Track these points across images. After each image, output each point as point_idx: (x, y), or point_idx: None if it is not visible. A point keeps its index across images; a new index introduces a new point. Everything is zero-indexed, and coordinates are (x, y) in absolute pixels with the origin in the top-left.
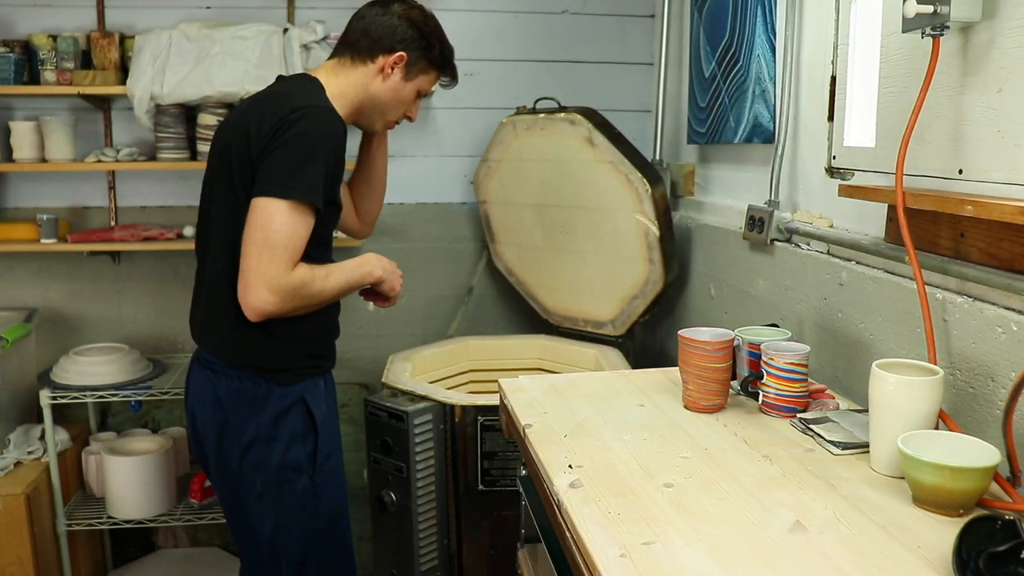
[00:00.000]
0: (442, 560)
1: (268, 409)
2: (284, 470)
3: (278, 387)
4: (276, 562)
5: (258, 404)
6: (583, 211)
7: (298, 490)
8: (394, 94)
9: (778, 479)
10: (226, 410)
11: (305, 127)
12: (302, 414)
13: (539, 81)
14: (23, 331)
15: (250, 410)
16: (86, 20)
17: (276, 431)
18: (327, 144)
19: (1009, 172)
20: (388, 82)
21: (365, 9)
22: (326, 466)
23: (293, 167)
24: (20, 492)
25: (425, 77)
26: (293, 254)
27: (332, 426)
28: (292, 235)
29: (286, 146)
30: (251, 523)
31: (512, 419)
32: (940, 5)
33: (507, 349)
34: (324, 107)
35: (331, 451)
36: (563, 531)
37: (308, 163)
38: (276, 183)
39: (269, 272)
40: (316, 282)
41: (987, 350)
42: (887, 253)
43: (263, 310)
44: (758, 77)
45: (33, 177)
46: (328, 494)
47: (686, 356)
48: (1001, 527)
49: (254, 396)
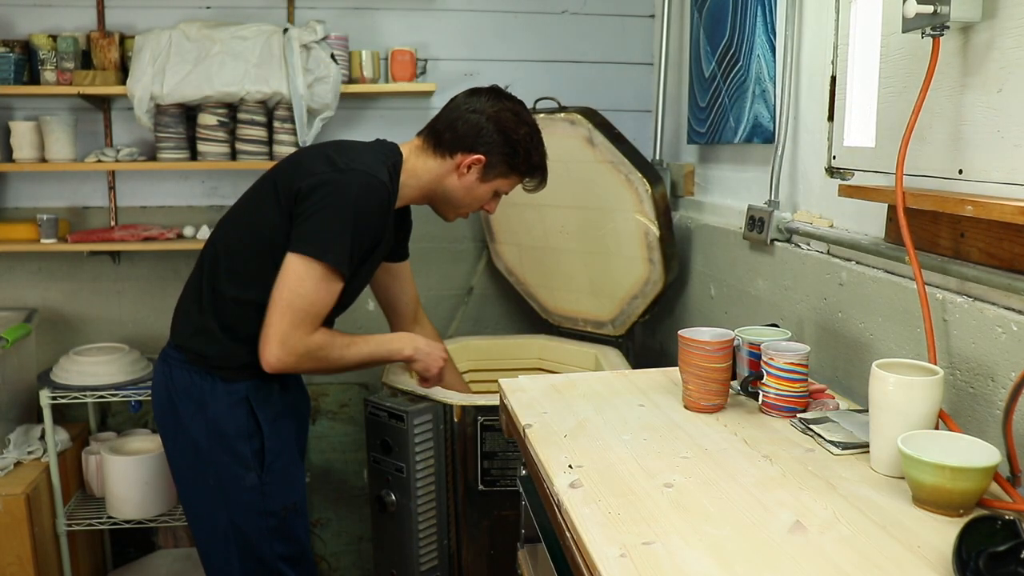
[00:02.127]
0: (442, 560)
1: (215, 405)
2: (233, 466)
3: (223, 383)
4: (229, 557)
5: (206, 399)
6: (583, 211)
7: (247, 487)
8: (467, 192)
9: (778, 479)
10: (177, 405)
11: (348, 191)
12: (246, 413)
13: (539, 81)
14: (23, 331)
15: (198, 406)
16: (86, 20)
17: (223, 427)
18: (367, 212)
19: (1009, 172)
20: (463, 180)
21: (462, 98)
22: (275, 465)
23: (330, 228)
24: (20, 492)
25: (505, 180)
26: (315, 319)
27: (284, 426)
28: (317, 300)
29: (330, 206)
30: (206, 517)
31: (512, 419)
32: (940, 5)
33: (507, 349)
34: (372, 173)
35: (281, 450)
36: (563, 531)
37: (347, 229)
38: (315, 243)
39: (289, 334)
40: (335, 349)
41: (987, 350)
42: (887, 253)
43: (276, 367)
44: (758, 77)
45: (33, 177)
46: (277, 492)
47: (686, 356)
48: (1001, 527)
49: (202, 390)
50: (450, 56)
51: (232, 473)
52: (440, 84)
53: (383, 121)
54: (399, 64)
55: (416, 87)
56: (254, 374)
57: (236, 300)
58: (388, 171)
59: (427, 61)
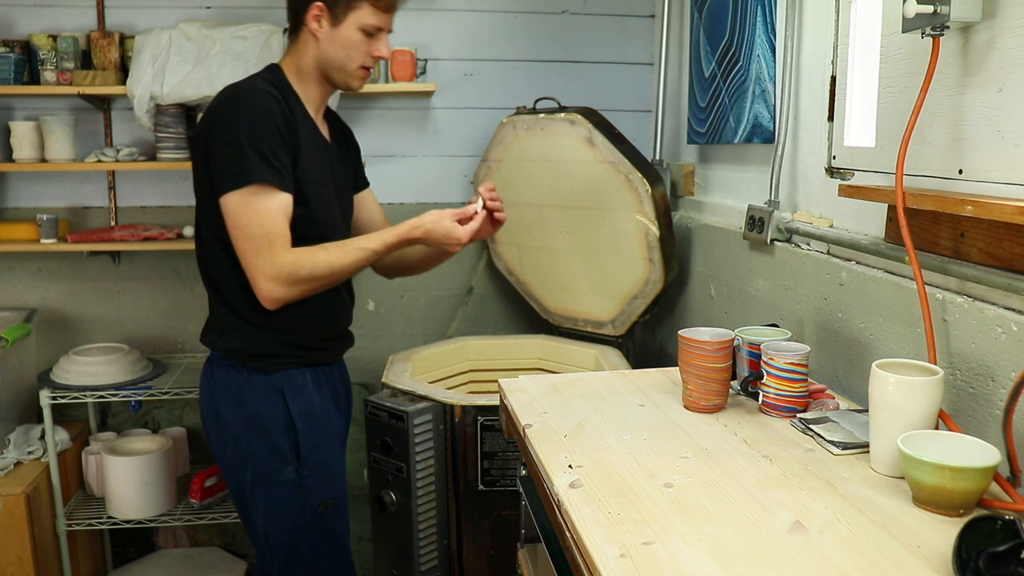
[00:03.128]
0: (442, 560)
1: (251, 398)
2: (269, 460)
3: (258, 375)
4: (270, 552)
5: (243, 393)
6: (583, 211)
7: (284, 481)
8: (335, 45)
9: (778, 479)
10: (217, 402)
11: (226, 111)
12: (282, 405)
13: (539, 81)
14: (23, 331)
15: (236, 400)
16: (86, 20)
17: (260, 420)
18: (251, 117)
19: (1009, 172)
20: (322, 37)
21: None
22: (313, 459)
23: (230, 155)
24: (20, 492)
25: (357, 12)
26: (277, 238)
27: (324, 420)
28: (266, 220)
29: (217, 137)
30: (248, 513)
31: (512, 419)
32: (940, 5)
33: (507, 349)
34: (240, 87)
35: (318, 445)
36: (563, 531)
37: (244, 142)
38: (224, 178)
39: (259, 265)
40: (323, 257)
41: (987, 350)
42: (887, 253)
43: (272, 299)
44: (758, 77)
45: (33, 177)
46: (315, 487)
47: (686, 356)
48: (1001, 527)
49: (238, 385)
50: (450, 56)
51: (270, 466)
52: (440, 84)
53: (383, 121)
54: (399, 64)
55: (416, 87)
56: (288, 364)
57: (228, 283)
58: (264, 80)
59: (427, 61)
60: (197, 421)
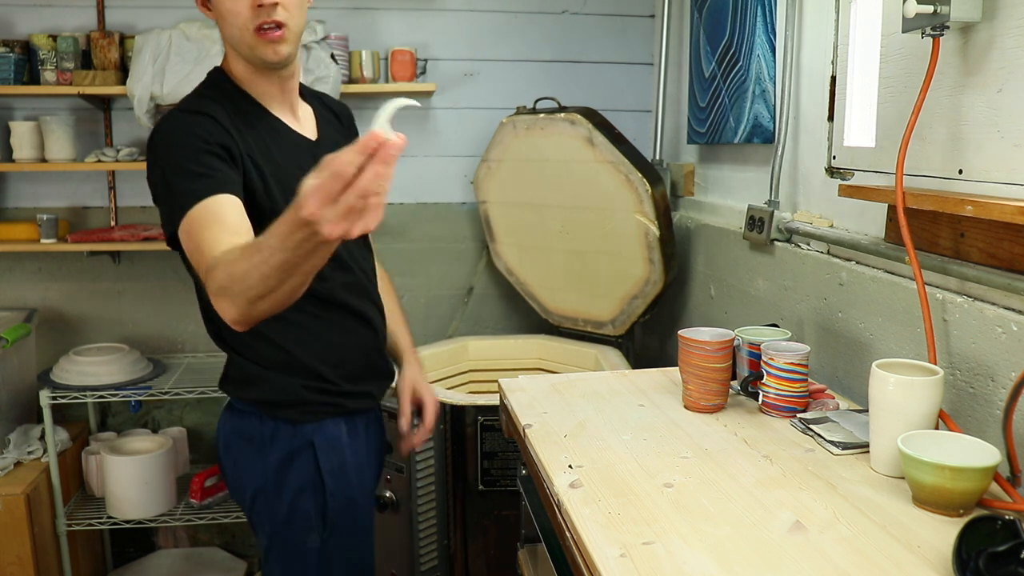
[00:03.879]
0: (442, 560)
1: (275, 452)
2: (292, 526)
3: (286, 425)
4: None
5: (266, 446)
6: (583, 211)
7: (307, 550)
8: (223, 21)
9: (778, 479)
10: (235, 452)
11: (149, 158)
12: (311, 462)
13: (539, 81)
14: (23, 331)
15: (258, 452)
16: (86, 20)
17: (283, 478)
18: (169, 152)
19: (1009, 172)
20: (217, 19)
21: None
22: (341, 524)
23: (160, 196)
24: (20, 492)
25: None
26: (210, 258)
27: (356, 478)
28: (200, 244)
29: (151, 186)
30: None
31: (512, 419)
32: (940, 5)
33: (507, 349)
34: (161, 120)
35: (349, 508)
36: (563, 531)
37: (167, 181)
38: (165, 224)
39: (208, 288)
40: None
41: (987, 350)
42: (887, 253)
43: (230, 318)
44: (758, 77)
45: (33, 177)
46: (342, 558)
47: (686, 356)
48: (1001, 527)
49: (262, 436)
50: (450, 56)
51: (291, 531)
52: (440, 84)
53: None
54: (399, 64)
55: (416, 87)
56: (321, 413)
57: (234, 331)
58: (196, 96)
59: (427, 61)
60: (197, 421)
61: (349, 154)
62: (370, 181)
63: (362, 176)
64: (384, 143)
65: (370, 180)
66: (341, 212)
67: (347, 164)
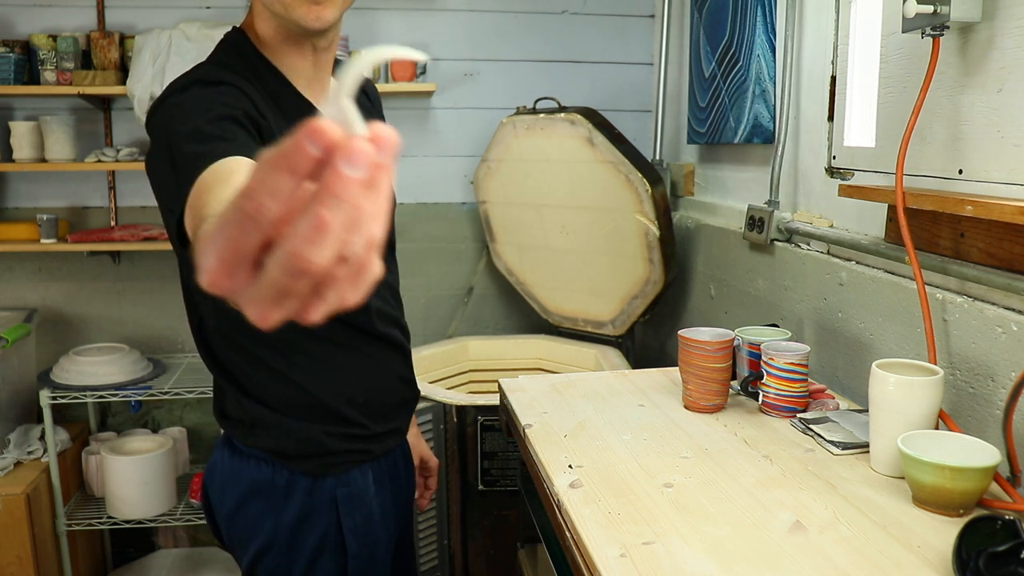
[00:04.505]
0: (442, 560)
1: (290, 508)
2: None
3: (303, 477)
4: None
5: (279, 501)
6: (583, 211)
7: None
8: None
9: (778, 479)
10: (235, 498)
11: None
12: (332, 520)
13: (539, 81)
14: (23, 331)
15: (268, 506)
16: (86, 20)
17: (298, 539)
18: (184, 117)
19: (1009, 172)
20: None
21: None
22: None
23: (164, 175)
24: (20, 492)
25: None
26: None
27: (381, 530)
28: (201, 210)
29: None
30: None
31: (512, 419)
32: (940, 5)
33: (507, 349)
34: (179, 83)
35: (368, 566)
36: (563, 531)
37: (176, 151)
38: (164, 213)
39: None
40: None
41: (987, 350)
42: (887, 253)
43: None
44: (758, 77)
45: (33, 177)
46: None
47: (686, 356)
48: (1001, 527)
49: (274, 489)
50: (450, 56)
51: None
52: (440, 84)
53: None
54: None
55: (416, 87)
56: (347, 463)
57: (242, 365)
58: (209, 66)
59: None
60: (197, 421)
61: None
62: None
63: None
64: (346, 146)
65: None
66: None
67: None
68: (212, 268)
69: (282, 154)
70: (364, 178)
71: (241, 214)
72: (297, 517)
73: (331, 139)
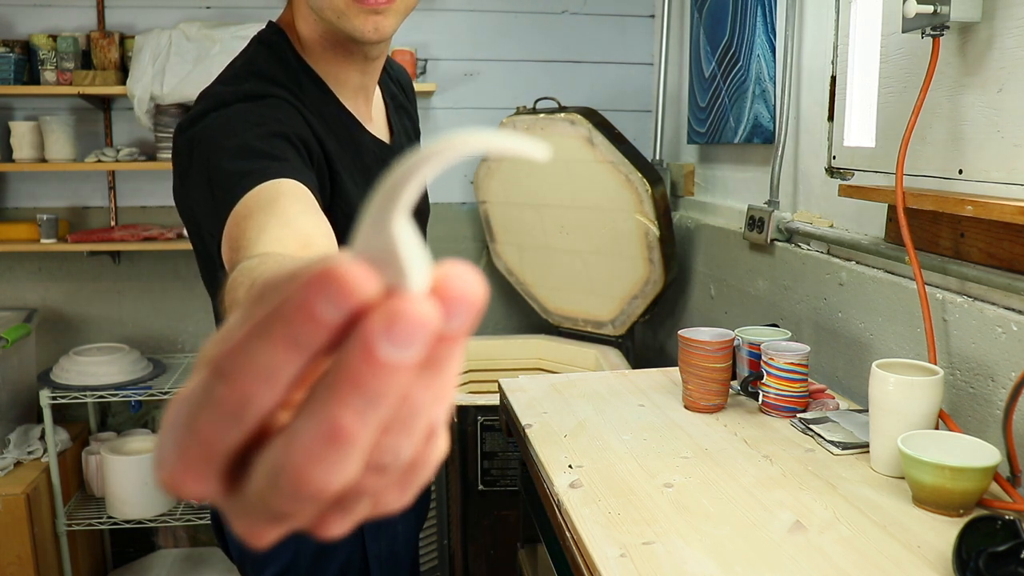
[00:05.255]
0: (442, 560)
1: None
2: None
3: None
4: None
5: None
6: (583, 211)
7: None
8: None
9: (778, 479)
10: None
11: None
12: (358, 546)
13: (539, 81)
14: (23, 331)
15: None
16: (86, 20)
17: (320, 566)
18: (222, 138)
19: (1009, 172)
20: None
21: None
22: None
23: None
24: (20, 492)
25: None
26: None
27: (404, 551)
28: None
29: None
30: None
31: (512, 419)
32: (940, 5)
33: (507, 349)
34: (215, 96)
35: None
36: (563, 531)
37: (214, 173)
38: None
39: None
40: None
41: (987, 350)
42: (887, 253)
43: None
44: (758, 77)
45: (33, 177)
46: None
47: (686, 356)
48: (1001, 527)
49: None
50: (450, 56)
51: None
52: (440, 84)
53: None
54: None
55: (416, 87)
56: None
57: None
58: (251, 70)
59: (427, 61)
60: None
61: (265, 336)
62: (321, 448)
63: (298, 426)
64: (387, 312)
65: (320, 444)
66: (258, 511)
67: (253, 374)
68: (171, 467)
69: (279, 314)
70: (417, 360)
71: (215, 399)
72: (320, 543)
73: (358, 296)
